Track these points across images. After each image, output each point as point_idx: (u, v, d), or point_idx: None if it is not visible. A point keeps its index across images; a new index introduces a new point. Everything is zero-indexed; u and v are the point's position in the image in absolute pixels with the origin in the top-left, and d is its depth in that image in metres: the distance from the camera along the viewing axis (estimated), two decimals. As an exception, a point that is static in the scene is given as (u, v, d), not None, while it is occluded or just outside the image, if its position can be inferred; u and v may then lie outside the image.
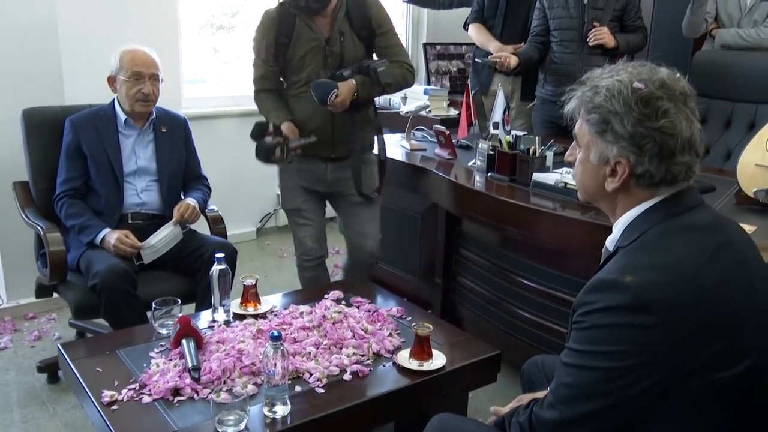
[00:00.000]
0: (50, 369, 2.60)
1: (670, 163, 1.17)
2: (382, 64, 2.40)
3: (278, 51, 2.45)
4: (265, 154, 2.37)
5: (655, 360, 1.07)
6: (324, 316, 1.96)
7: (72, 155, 2.53)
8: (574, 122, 1.28)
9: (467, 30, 3.79)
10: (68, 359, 1.80)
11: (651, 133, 1.15)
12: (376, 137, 2.63)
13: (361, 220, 2.63)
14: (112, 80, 2.55)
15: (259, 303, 2.09)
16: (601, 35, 3.21)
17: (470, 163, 2.82)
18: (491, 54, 3.50)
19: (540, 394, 1.30)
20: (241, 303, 2.08)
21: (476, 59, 3.56)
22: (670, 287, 1.09)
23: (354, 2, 2.42)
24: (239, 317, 2.03)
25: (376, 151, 2.67)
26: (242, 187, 4.16)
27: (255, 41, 2.49)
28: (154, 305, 1.94)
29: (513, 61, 3.30)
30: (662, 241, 1.17)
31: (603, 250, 1.31)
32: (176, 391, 1.62)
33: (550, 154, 2.57)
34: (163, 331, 1.91)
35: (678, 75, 1.22)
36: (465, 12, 3.87)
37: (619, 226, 1.24)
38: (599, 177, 1.24)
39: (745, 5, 3.36)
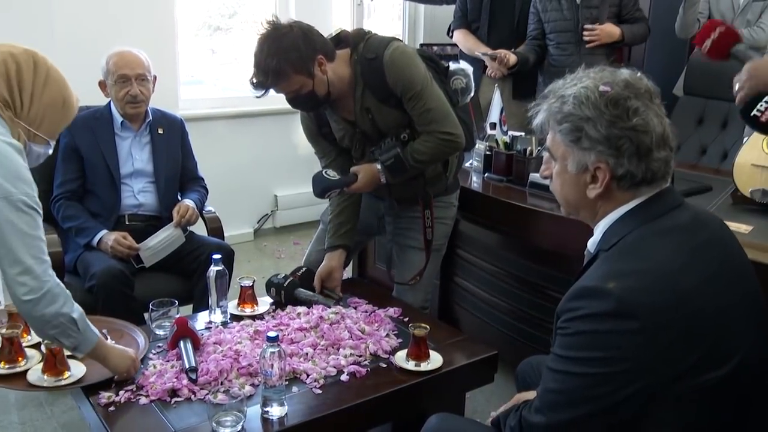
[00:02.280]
0: (47, 371, 2.59)
1: (649, 160, 1.17)
2: (390, 155, 2.06)
3: (326, 136, 2.25)
4: (320, 194, 2.13)
5: (641, 365, 1.08)
6: (321, 317, 1.96)
7: (68, 157, 2.53)
8: (545, 136, 1.28)
9: (451, 37, 3.77)
10: (65, 361, 1.79)
11: (626, 133, 1.16)
12: (422, 214, 2.25)
13: (404, 264, 2.34)
14: (103, 85, 2.55)
15: (257, 304, 2.09)
16: (596, 35, 3.21)
17: (467, 164, 2.82)
18: (481, 61, 3.51)
19: (534, 394, 1.30)
20: (239, 304, 2.08)
21: (478, 53, 3.52)
22: (653, 291, 1.09)
23: (369, 73, 2.05)
24: (236, 318, 2.03)
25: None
26: (240, 189, 4.16)
27: (303, 131, 2.31)
28: (151, 306, 1.94)
29: (512, 58, 3.30)
30: (643, 244, 1.17)
31: (585, 252, 1.32)
32: (173, 392, 1.62)
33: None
34: (160, 332, 1.91)
35: (639, 74, 1.23)
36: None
37: (599, 229, 1.25)
38: (580, 186, 1.23)
39: (738, 5, 3.37)
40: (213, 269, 2.00)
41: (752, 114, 1.52)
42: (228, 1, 4.45)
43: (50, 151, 1.71)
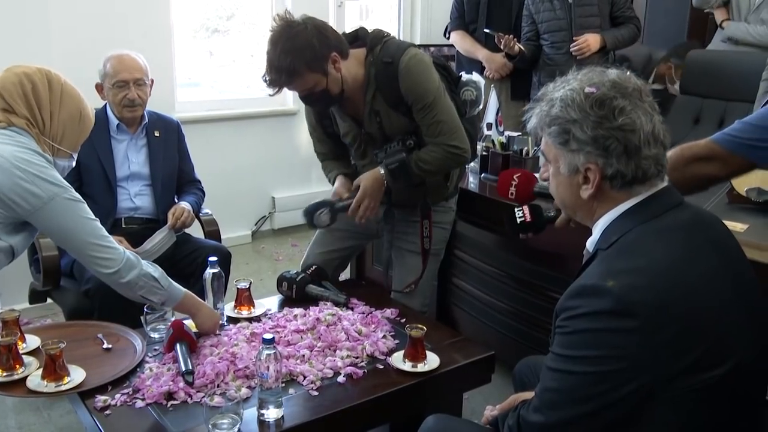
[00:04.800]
0: (45, 374, 2.59)
1: (638, 158, 1.17)
2: (395, 160, 2.06)
3: (324, 128, 2.27)
4: (309, 218, 2.14)
5: (639, 363, 1.08)
6: (318, 319, 1.96)
7: (65, 160, 2.52)
8: (539, 140, 1.29)
9: (448, 38, 3.78)
10: (62, 364, 1.79)
11: (612, 133, 1.16)
12: (420, 223, 2.25)
13: (402, 268, 2.33)
14: (99, 88, 2.55)
15: (253, 306, 2.09)
16: (585, 46, 3.23)
17: (464, 164, 2.82)
18: (479, 62, 3.52)
19: (532, 394, 1.30)
20: (235, 306, 2.08)
21: (485, 29, 3.51)
22: (652, 289, 1.09)
23: (384, 77, 2.03)
24: (233, 320, 2.03)
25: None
26: (237, 191, 4.16)
27: (305, 115, 2.32)
28: (145, 310, 1.93)
29: (517, 46, 3.31)
30: (642, 243, 1.17)
31: (584, 251, 1.32)
32: (170, 396, 1.62)
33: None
34: (155, 335, 1.91)
35: (629, 73, 1.23)
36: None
37: (598, 228, 1.25)
38: (573, 187, 1.24)
39: (754, 2, 3.37)
40: (209, 272, 2.00)
41: (518, 223, 1.63)
42: (225, 3, 4.45)
43: (73, 164, 1.84)
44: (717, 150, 1.50)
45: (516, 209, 1.64)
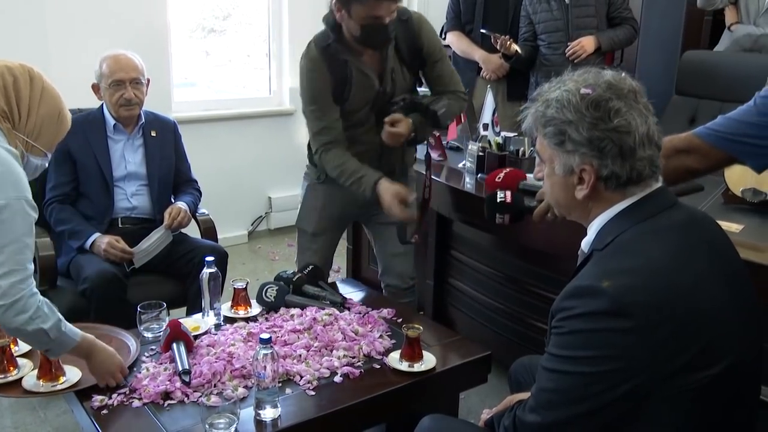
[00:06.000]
0: (41, 374, 2.58)
1: (633, 160, 1.18)
2: (442, 105, 2.18)
3: (335, 96, 2.18)
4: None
5: (635, 363, 1.08)
6: (314, 319, 1.96)
7: (61, 161, 2.51)
8: (534, 140, 1.29)
9: (444, 38, 3.78)
10: (58, 364, 1.79)
11: (608, 135, 1.16)
12: (426, 173, 2.35)
13: (393, 241, 2.35)
14: (96, 88, 2.54)
15: (250, 306, 2.09)
16: (580, 49, 3.24)
17: (460, 165, 2.82)
18: (475, 63, 3.53)
19: (528, 395, 1.30)
20: (232, 306, 2.08)
21: (482, 30, 3.51)
22: (647, 290, 1.09)
23: (403, 34, 2.15)
24: (230, 320, 2.03)
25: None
26: (234, 191, 4.16)
27: (305, 90, 2.19)
28: (139, 309, 1.93)
29: (514, 46, 3.32)
30: (637, 243, 1.17)
31: (579, 252, 1.32)
32: (167, 395, 1.62)
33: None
34: (148, 335, 1.91)
35: (624, 74, 1.23)
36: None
37: (593, 229, 1.25)
38: (568, 187, 1.24)
39: (763, 5, 3.37)
40: (206, 271, 2.00)
41: (498, 203, 1.71)
42: (222, 3, 4.45)
43: (47, 164, 1.78)
44: (697, 143, 1.51)
45: (498, 191, 1.72)
